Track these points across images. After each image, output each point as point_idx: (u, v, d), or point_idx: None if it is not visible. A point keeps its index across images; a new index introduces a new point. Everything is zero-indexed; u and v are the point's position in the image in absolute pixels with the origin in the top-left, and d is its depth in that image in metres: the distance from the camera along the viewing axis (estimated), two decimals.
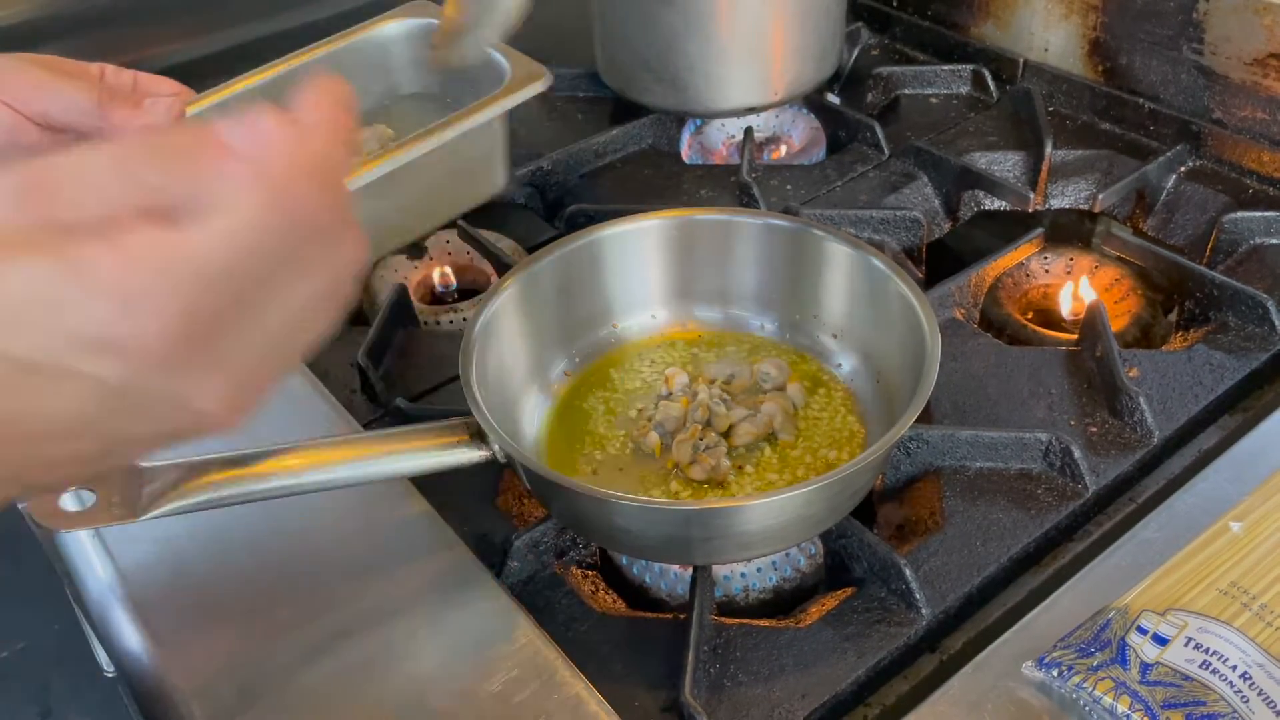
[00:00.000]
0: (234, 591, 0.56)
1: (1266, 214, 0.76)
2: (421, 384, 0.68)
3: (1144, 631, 0.49)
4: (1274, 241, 0.76)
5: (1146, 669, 0.47)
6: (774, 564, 0.58)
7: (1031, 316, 0.76)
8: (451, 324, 0.77)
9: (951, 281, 0.73)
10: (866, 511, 0.62)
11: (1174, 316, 0.74)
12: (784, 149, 0.95)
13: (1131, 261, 0.79)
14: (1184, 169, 0.84)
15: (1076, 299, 0.76)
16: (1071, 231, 0.85)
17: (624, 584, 0.60)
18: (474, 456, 0.54)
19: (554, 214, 0.84)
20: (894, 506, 0.62)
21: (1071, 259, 0.80)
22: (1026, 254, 0.79)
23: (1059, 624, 0.50)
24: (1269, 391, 0.66)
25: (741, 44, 0.86)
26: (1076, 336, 0.70)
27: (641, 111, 0.92)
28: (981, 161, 0.86)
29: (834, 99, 0.97)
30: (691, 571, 0.55)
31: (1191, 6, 0.82)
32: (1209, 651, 0.47)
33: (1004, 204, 0.83)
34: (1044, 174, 0.83)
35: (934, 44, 1.01)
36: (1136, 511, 0.59)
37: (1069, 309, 0.76)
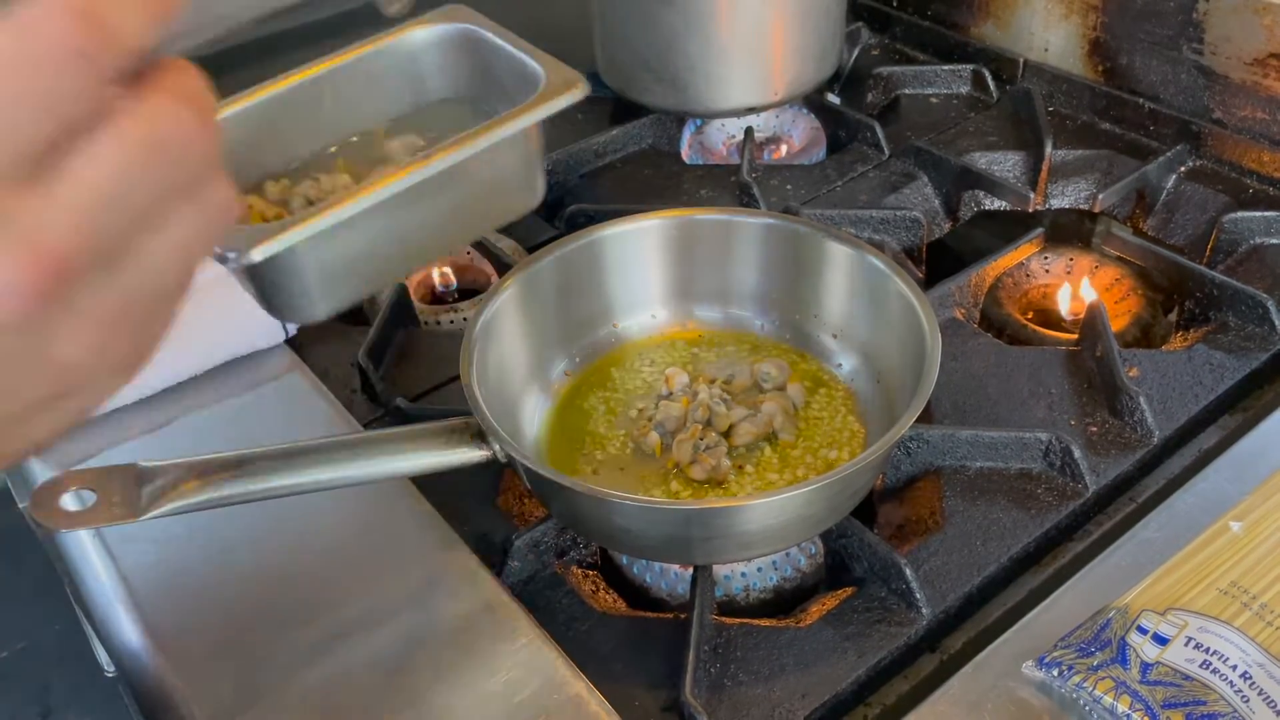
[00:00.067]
0: (234, 592, 0.56)
1: (1266, 214, 0.76)
2: (421, 384, 0.68)
3: (1144, 631, 0.49)
4: (1274, 241, 0.76)
5: (1147, 668, 0.47)
6: (774, 564, 0.58)
7: (1031, 316, 0.76)
8: (452, 324, 0.77)
9: (951, 281, 0.73)
10: (867, 511, 0.62)
11: (1174, 316, 0.74)
12: (784, 149, 0.95)
13: (1131, 261, 0.79)
14: (1184, 169, 0.84)
15: (1076, 299, 0.76)
16: (1071, 231, 0.85)
17: (624, 584, 0.60)
18: (474, 456, 0.54)
19: (554, 214, 0.84)
20: (894, 506, 0.62)
21: (1071, 259, 0.80)
22: (1026, 254, 0.79)
23: (1059, 624, 0.50)
24: (1269, 391, 0.67)
25: (741, 44, 0.86)
26: (1076, 336, 0.70)
27: (641, 111, 0.92)
28: (981, 161, 0.86)
29: (834, 99, 0.97)
30: (692, 571, 0.55)
31: (1191, 6, 0.82)
32: (1209, 651, 0.47)
33: (1004, 204, 0.83)
34: (1044, 174, 0.83)
35: (934, 44, 1.01)
36: (1136, 511, 0.59)
37: (1069, 309, 0.76)
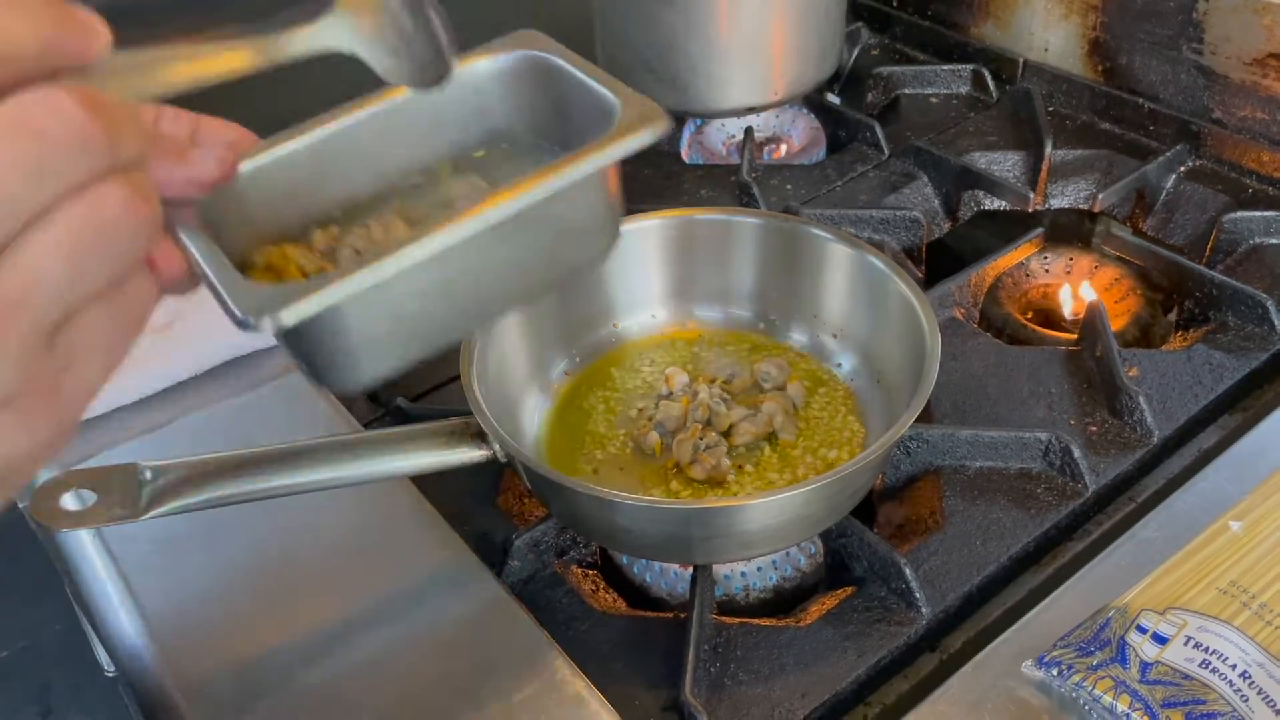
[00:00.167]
0: (234, 591, 0.56)
1: (1266, 214, 0.76)
2: (421, 384, 0.68)
3: (1144, 630, 0.49)
4: (1274, 241, 0.76)
5: (1146, 668, 0.47)
6: (774, 563, 0.58)
7: (1031, 316, 0.76)
8: None
9: (951, 281, 0.73)
10: (867, 511, 0.62)
11: (1174, 316, 0.74)
12: (784, 149, 0.95)
13: (1131, 261, 0.79)
14: (1184, 169, 0.84)
15: (1076, 299, 0.76)
16: (1071, 231, 0.85)
17: (624, 583, 0.60)
18: (474, 456, 0.54)
19: None
20: (894, 506, 0.62)
21: (1071, 259, 0.80)
22: (1026, 254, 0.79)
23: (1059, 623, 0.50)
24: (1269, 391, 0.67)
25: (741, 44, 0.86)
26: (1076, 336, 0.70)
27: None
28: (981, 161, 0.86)
29: (834, 99, 0.98)
30: (692, 571, 0.55)
31: (1191, 6, 0.82)
32: (1209, 650, 0.47)
33: (1004, 204, 0.83)
34: (1044, 174, 0.83)
35: (934, 44, 1.01)
36: (1136, 511, 0.59)
37: (1069, 309, 0.76)
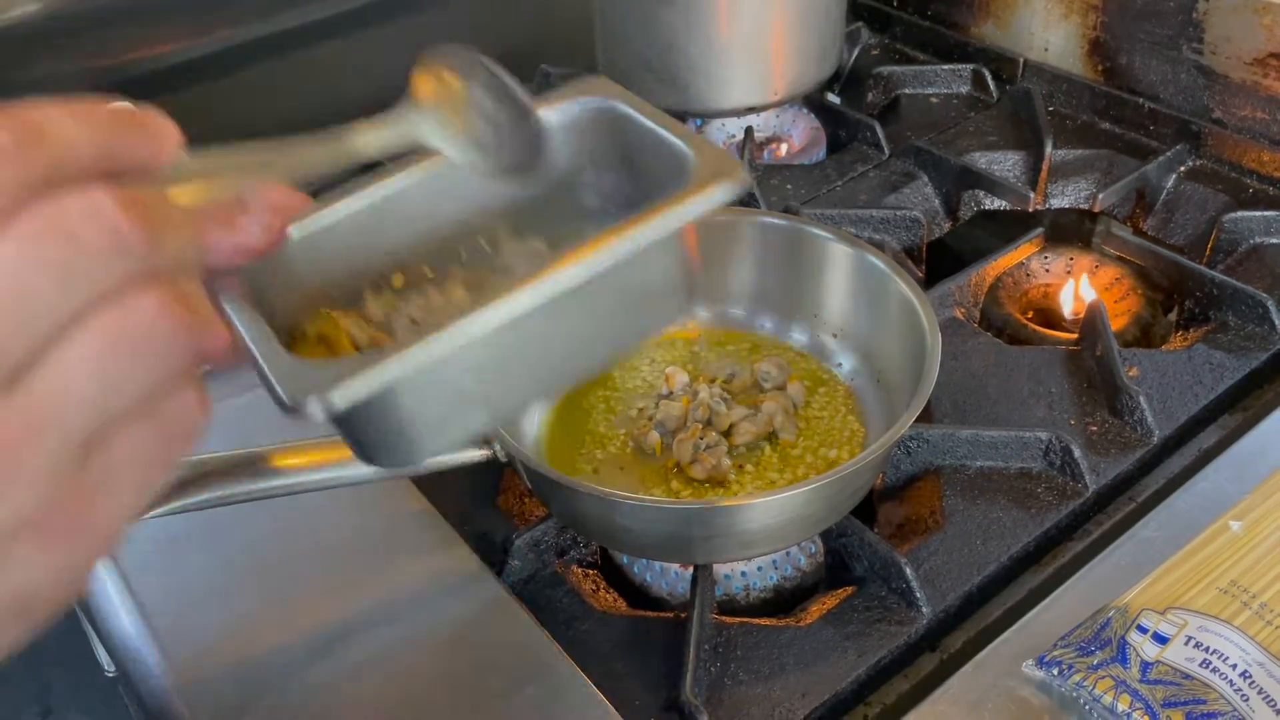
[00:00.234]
0: (234, 591, 0.56)
1: (1266, 213, 0.76)
2: None
3: (1144, 630, 0.49)
4: (1274, 241, 0.76)
5: (1147, 667, 0.47)
6: (774, 563, 0.58)
7: (1031, 316, 0.76)
8: None
9: (951, 281, 0.73)
10: (867, 510, 0.62)
11: (1174, 316, 0.74)
12: (784, 149, 0.95)
13: (1131, 261, 0.79)
14: (1184, 169, 0.84)
15: (1076, 298, 0.76)
16: (1071, 231, 0.85)
17: (624, 583, 0.60)
18: (474, 456, 0.54)
19: None
20: (894, 505, 0.62)
21: (1071, 259, 0.80)
22: (1026, 254, 0.79)
23: (1059, 623, 0.50)
24: (1269, 391, 0.66)
25: (741, 44, 0.86)
26: (1076, 336, 0.70)
27: None
28: (981, 161, 0.86)
29: (834, 99, 0.97)
30: (692, 570, 0.55)
31: (1191, 6, 0.82)
32: (1209, 650, 0.47)
33: (1004, 204, 0.83)
34: (1044, 174, 0.83)
35: (934, 44, 1.01)
36: (1136, 510, 0.59)
37: (1069, 308, 0.76)
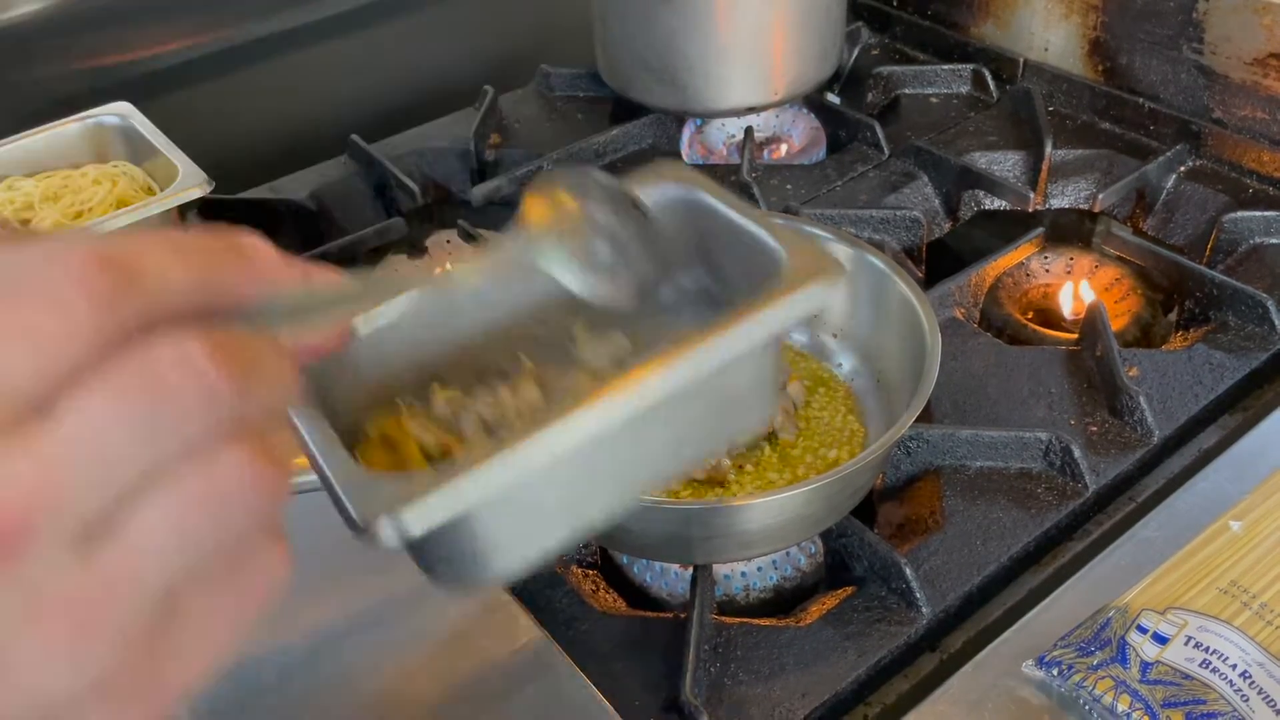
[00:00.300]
0: None
1: (1266, 213, 0.76)
2: None
3: (1144, 630, 0.49)
4: (1274, 241, 0.76)
5: (1146, 668, 0.47)
6: (774, 563, 0.58)
7: (1031, 316, 0.76)
8: None
9: (951, 281, 0.73)
10: (867, 510, 0.62)
11: (1174, 316, 0.74)
12: (784, 149, 0.95)
13: (1131, 261, 0.79)
14: (1184, 169, 0.84)
15: (1076, 299, 0.76)
16: (1071, 231, 0.85)
17: (624, 583, 0.60)
18: None
19: None
20: (894, 505, 0.62)
21: (1071, 259, 0.80)
22: (1026, 254, 0.79)
23: (1059, 623, 0.50)
24: (1269, 391, 0.67)
25: (741, 44, 0.86)
26: (1076, 336, 0.70)
27: (641, 111, 0.92)
28: (981, 161, 0.86)
29: (834, 99, 0.97)
30: (692, 570, 0.55)
31: (1191, 6, 0.82)
32: (1209, 650, 0.47)
33: (1004, 204, 0.83)
34: (1044, 174, 0.83)
35: (934, 44, 1.01)
36: (1136, 511, 0.59)
37: (1069, 309, 0.76)
